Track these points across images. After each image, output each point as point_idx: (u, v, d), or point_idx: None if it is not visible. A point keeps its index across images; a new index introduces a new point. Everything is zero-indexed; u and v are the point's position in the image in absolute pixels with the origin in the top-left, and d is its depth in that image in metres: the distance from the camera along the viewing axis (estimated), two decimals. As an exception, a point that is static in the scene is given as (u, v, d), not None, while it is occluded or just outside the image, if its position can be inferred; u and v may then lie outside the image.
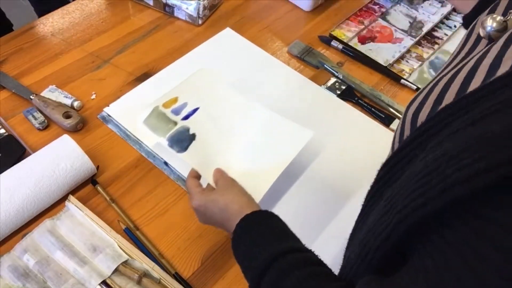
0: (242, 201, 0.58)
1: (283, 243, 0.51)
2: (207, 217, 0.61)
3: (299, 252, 0.50)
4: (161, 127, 0.71)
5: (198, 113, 0.74)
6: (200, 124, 0.73)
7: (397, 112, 0.90)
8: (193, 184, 0.64)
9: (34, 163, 0.69)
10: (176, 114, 0.73)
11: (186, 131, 0.71)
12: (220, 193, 0.60)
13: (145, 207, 0.73)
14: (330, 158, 0.81)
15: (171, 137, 0.70)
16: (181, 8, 1.00)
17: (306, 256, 0.49)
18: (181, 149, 0.69)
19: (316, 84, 0.92)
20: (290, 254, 0.49)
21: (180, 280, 0.65)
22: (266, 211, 0.56)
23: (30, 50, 0.92)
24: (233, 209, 0.57)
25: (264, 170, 0.71)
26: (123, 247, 0.66)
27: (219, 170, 0.67)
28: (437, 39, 1.05)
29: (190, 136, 0.71)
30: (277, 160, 0.72)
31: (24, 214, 0.67)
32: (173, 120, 0.72)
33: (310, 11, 1.08)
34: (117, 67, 0.92)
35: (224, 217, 0.58)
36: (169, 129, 0.71)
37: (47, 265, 0.63)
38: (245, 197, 0.60)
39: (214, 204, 0.59)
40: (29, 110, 0.81)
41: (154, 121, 0.72)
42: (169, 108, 0.74)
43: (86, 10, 1.02)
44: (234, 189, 0.61)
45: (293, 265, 0.47)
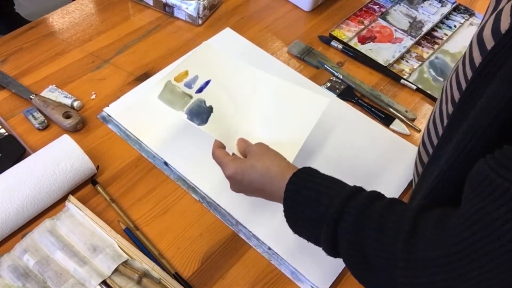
0: (282, 164, 0.58)
1: (347, 185, 0.51)
2: (244, 184, 0.60)
3: (365, 190, 0.50)
4: (177, 101, 0.71)
5: (211, 86, 0.74)
6: (215, 96, 0.73)
7: (397, 112, 0.90)
8: (222, 154, 0.63)
9: (34, 163, 0.69)
10: (189, 88, 0.73)
11: (202, 103, 0.71)
12: (256, 158, 0.59)
13: (145, 207, 0.73)
14: (330, 158, 0.81)
15: (189, 110, 0.70)
16: (181, 8, 1.00)
17: (375, 191, 0.50)
18: (201, 121, 0.69)
19: (316, 84, 0.92)
20: (362, 192, 0.49)
21: (180, 280, 0.65)
22: (311, 167, 0.55)
23: (30, 50, 0.92)
24: (274, 172, 0.56)
25: (287, 139, 0.70)
26: (123, 247, 0.66)
27: (243, 139, 0.66)
28: (437, 39, 1.05)
29: (208, 109, 0.71)
30: (298, 128, 0.72)
31: (24, 214, 0.67)
32: (188, 94, 0.72)
33: (310, 11, 1.08)
34: (117, 67, 0.92)
35: (264, 181, 0.57)
36: (186, 103, 0.71)
37: (47, 265, 0.63)
38: (283, 160, 0.59)
39: (252, 169, 0.58)
40: (29, 110, 0.81)
41: (169, 95, 0.71)
42: (181, 82, 0.73)
43: (86, 10, 1.02)
44: (269, 154, 0.60)
45: (371, 198, 0.47)
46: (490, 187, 0.36)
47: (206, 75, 0.75)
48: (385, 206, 0.46)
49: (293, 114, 0.74)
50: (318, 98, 0.75)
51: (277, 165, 0.57)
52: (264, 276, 0.67)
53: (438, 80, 0.96)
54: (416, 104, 0.93)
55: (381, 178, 0.79)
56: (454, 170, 0.44)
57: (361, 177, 0.79)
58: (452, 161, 0.43)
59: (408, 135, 0.87)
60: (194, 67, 0.75)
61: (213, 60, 0.78)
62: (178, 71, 0.74)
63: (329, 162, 0.80)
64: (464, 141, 0.42)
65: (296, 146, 0.69)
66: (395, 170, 0.81)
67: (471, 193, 0.38)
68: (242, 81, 0.76)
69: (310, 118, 0.73)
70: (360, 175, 0.79)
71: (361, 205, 0.46)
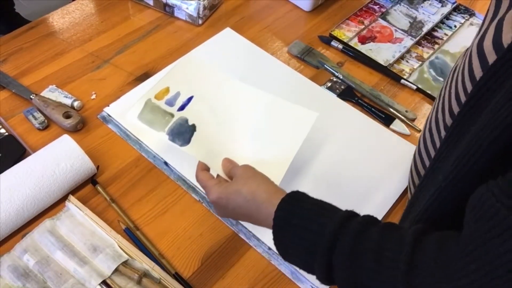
0: (269, 189, 0.55)
1: (339, 210, 0.49)
2: (229, 210, 0.57)
3: (358, 215, 0.48)
4: (158, 121, 0.68)
5: (194, 102, 0.71)
6: (198, 113, 0.70)
7: (397, 112, 0.90)
8: (206, 177, 0.60)
9: (34, 163, 0.69)
10: (170, 105, 0.70)
11: (185, 122, 0.68)
12: (242, 183, 0.56)
13: (145, 207, 0.73)
14: (330, 158, 0.81)
15: (171, 130, 0.67)
16: (181, 8, 1.00)
17: (368, 216, 0.47)
18: (184, 142, 0.66)
19: (316, 84, 0.92)
20: (354, 217, 0.47)
21: (180, 280, 0.65)
22: (300, 191, 0.52)
23: (30, 50, 0.92)
24: (261, 198, 0.53)
25: (274, 158, 0.67)
26: (123, 247, 0.66)
27: (228, 160, 0.63)
28: (437, 39, 1.05)
29: (190, 127, 0.68)
30: (285, 146, 0.69)
31: (24, 214, 0.67)
32: (169, 112, 0.69)
33: (310, 11, 1.08)
34: (117, 67, 0.92)
35: (250, 207, 0.54)
36: (167, 122, 0.68)
37: (47, 265, 0.63)
38: (270, 184, 0.56)
39: (237, 195, 0.55)
40: (29, 110, 0.81)
41: (149, 115, 0.68)
42: (162, 100, 0.70)
43: (86, 10, 1.02)
44: (256, 177, 0.57)
45: (365, 224, 0.45)
46: (496, 218, 0.34)
47: (188, 91, 0.71)
48: (381, 233, 0.44)
49: (280, 131, 0.70)
50: (306, 113, 0.72)
51: (263, 190, 0.54)
52: (264, 276, 0.67)
53: (438, 80, 0.96)
54: (416, 104, 0.93)
55: (381, 178, 0.79)
56: (453, 187, 0.42)
57: (361, 177, 0.79)
58: (451, 178, 0.42)
59: (408, 135, 0.87)
60: (176, 82, 0.72)
61: (196, 74, 0.74)
62: (159, 88, 0.71)
63: (329, 163, 0.80)
64: (464, 158, 0.41)
65: (283, 165, 0.66)
66: (395, 170, 0.81)
67: (474, 222, 0.37)
68: (226, 96, 0.72)
69: (298, 134, 0.70)
70: (360, 175, 0.79)
71: (355, 232, 0.44)
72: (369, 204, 0.76)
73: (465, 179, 0.41)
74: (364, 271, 0.43)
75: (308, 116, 0.72)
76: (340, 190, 0.77)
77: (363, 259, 0.43)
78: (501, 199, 0.34)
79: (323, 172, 0.79)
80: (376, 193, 0.77)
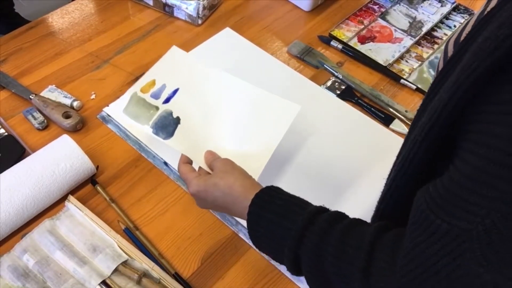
0: (246, 183, 0.57)
1: (308, 207, 0.51)
2: (208, 202, 0.60)
3: (327, 211, 0.50)
4: (142, 114, 0.68)
5: (179, 95, 0.71)
6: (183, 105, 0.70)
7: (397, 112, 0.90)
8: (187, 170, 0.62)
9: (34, 163, 0.69)
10: (156, 98, 0.70)
11: (169, 115, 0.68)
12: (220, 176, 0.58)
13: (145, 207, 0.73)
14: (329, 158, 0.81)
15: (155, 123, 0.67)
16: (180, 8, 1.00)
17: (336, 212, 0.50)
18: (167, 135, 0.67)
19: (316, 84, 0.92)
20: (322, 214, 0.49)
21: (180, 280, 0.65)
22: (274, 186, 0.55)
23: (29, 50, 0.92)
24: (237, 192, 0.56)
25: (256, 150, 0.68)
26: (123, 247, 0.66)
27: (210, 152, 0.65)
28: (437, 39, 1.05)
29: (174, 120, 0.68)
30: (267, 139, 0.69)
31: (24, 214, 0.67)
32: (154, 105, 0.69)
33: (309, 11, 1.08)
34: (117, 67, 0.92)
35: (227, 200, 0.57)
36: (152, 115, 0.68)
37: (47, 265, 0.63)
38: (247, 178, 0.59)
39: (215, 188, 0.58)
40: (29, 110, 0.81)
41: (134, 108, 0.68)
42: (148, 93, 0.70)
43: (86, 10, 1.02)
44: (234, 171, 0.59)
45: (331, 221, 0.48)
46: (425, 223, 0.38)
47: (174, 83, 0.72)
48: (344, 230, 0.46)
49: (262, 123, 0.71)
50: (288, 105, 0.72)
51: (240, 185, 0.56)
52: (264, 276, 0.67)
53: (438, 80, 0.96)
54: (416, 104, 0.93)
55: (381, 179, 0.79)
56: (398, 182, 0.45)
57: (360, 177, 0.79)
58: (396, 173, 0.45)
59: (408, 135, 0.87)
60: (162, 75, 0.72)
61: (182, 66, 0.74)
62: (145, 81, 0.71)
63: (329, 162, 0.80)
64: (405, 155, 0.43)
65: (264, 158, 0.67)
66: (395, 170, 0.81)
67: (412, 225, 0.40)
68: (211, 88, 0.73)
69: (280, 127, 0.70)
70: (360, 175, 0.79)
71: (320, 229, 0.47)
72: (368, 204, 0.76)
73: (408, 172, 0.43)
74: (327, 267, 0.45)
75: (291, 109, 0.72)
76: (339, 190, 0.77)
77: (326, 255, 0.45)
78: (430, 206, 0.38)
79: (323, 172, 0.79)
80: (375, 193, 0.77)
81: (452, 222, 0.36)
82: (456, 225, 0.35)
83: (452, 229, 0.36)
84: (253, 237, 0.54)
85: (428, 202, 0.38)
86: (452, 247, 0.35)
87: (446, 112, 0.38)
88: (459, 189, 0.36)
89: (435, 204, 0.37)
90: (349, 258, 0.44)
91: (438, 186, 0.38)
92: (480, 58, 0.35)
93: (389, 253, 0.42)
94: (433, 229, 0.37)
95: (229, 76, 0.74)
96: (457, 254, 0.35)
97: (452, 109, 0.37)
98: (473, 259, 0.35)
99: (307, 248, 0.47)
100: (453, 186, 0.37)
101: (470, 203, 0.35)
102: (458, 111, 0.37)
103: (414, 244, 0.39)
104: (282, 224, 0.50)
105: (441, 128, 0.39)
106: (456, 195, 0.36)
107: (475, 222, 0.34)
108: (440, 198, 0.37)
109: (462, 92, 0.36)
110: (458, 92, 0.36)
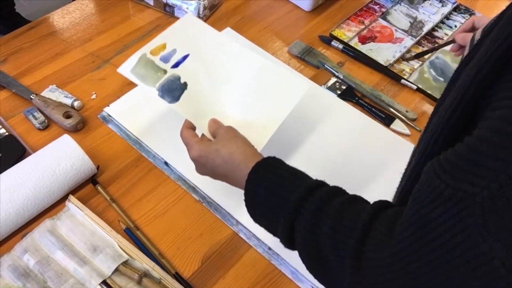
0: (247, 152, 0.56)
1: (309, 179, 0.50)
2: (208, 168, 0.59)
3: (327, 185, 0.50)
4: (150, 76, 0.67)
5: (188, 60, 0.70)
6: (191, 72, 0.69)
7: (398, 112, 0.89)
8: (189, 135, 0.62)
9: (34, 163, 0.69)
10: (165, 62, 0.69)
11: (177, 79, 0.67)
12: (222, 143, 0.58)
13: (145, 207, 0.73)
14: (330, 158, 0.81)
15: (162, 86, 0.66)
16: (181, 8, 1.00)
17: (337, 187, 0.49)
18: (172, 99, 0.66)
19: (316, 84, 0.92)
20: (322, 187, 0.48)
21: (180, 280, 0.65)
22: (276, 157, 0.54)
23: (30, 50, 0.92)
24: (238, 160, 0.55)
25: (262, 122, 0.67)
26: (123, 247, 0.66)
27: (215, 120, 0.64)
28: (438, 39, 1.05)
29: (181, 85, 0.67)
30: (274, 112, 0.69)
31: (24, 214, 0.67)
32: (162, 68, 0.68)
33: (310, 11, 1.08)
34: (117, 67, 0.91)
35: (227, 168, 0.56)
36: (159, 78, 0.67)
37: (47, 265, 0.63)
38: (249, 147, 0.58)
39: (216, 154, 0.57)
40: (29, 110, 0.81)
41: (142, 69, 0.67)
42: (157, 56, 0.69)
43: (86, 10, 1.02)
44: (237, 139, 0.58)
45: (331, 194, 0.47)
46: (429, 189, 0.36)
47: (185, 49, 0.70)
48: (344, 203, 0.45)
49: (271, 96, 0.70)
50: (298, 81, 0.71)
51: (241, 153, 0.56)
52: (264, 276, 0.67)
53: (439, 80, 0.96)
54: (416, 104, 0.93)
55: (381, 178, 0.79)
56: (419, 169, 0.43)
57: (361, 177, 0.79)
58: (417, 160, 0.43)
59: (408, 135, 0.87)
60: (173, 39, 0.71)
61: (195, 33, 0.73)
62: (156, 44, 0.70)
63: (329, 162, 0.80)
64: (427, 140, 0.42)
65: (269, 130, 0.66)
66: (395, 170, 0.80)
67: (416, 193, 0.38)
68: (222, 57, 0.71)
69: (288, 102, 0.69)
70: (360, 175, 0.79)
71: (319, 200, 0.46)
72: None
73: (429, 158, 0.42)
74: (321, 237, 0.44)
75: (301, 85, 0.72)
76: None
77: (322, 226, 0.44)
78: (437, 172, 0.36)
79: (323, 172, 0.79)
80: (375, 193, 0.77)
81: (457, 186, 0.34)
82: (460, 189, 0.34)
83: (456, 194, 0.34)
84: (249, 206, 0.53)
85: (435, 168, 0.37)
86: (453, 212, 0.34)
87: (473, 87, 0.37)
88: (470, 152, 0.34)
89: (442, 170, 0.36)
90: (346, 230, 0.43)
91: (448, 152, 0.37)
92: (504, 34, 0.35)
93: (388, 224, 0.40)
94: (436, 194, 0.35)
95: (241, 47, 0.73)
96: (457, 220, 0.34)
97: (478, 84, 0.37)
98: (473, 227, 0.33)
99: (303, 218, 0.46)
100: (464, 150, 0.35)
101: (478, 165, 0.33)
102: (483, 87, 0.37)
103: (415, 211, 0.37)
104: (280, 193, 0.49)
105: (466, 105, 0.38)
106: (466, 158, 0.35)
107: (480, 186, 0.33)
108: (448, 163, 0.36)
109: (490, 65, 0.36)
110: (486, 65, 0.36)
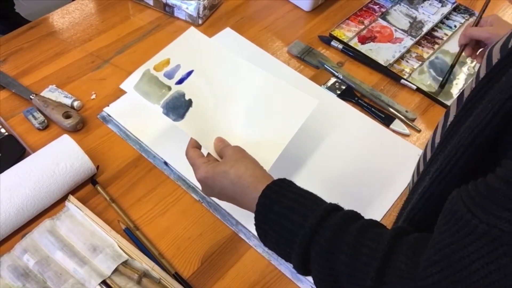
0: (256, 174, 0.54)
1: (322, 203, 0.49)
2: (215, 190, 0.57)
3: (342, 209, 0.48)
4: (154, 93, 0.66)
5: (193, 77, 0.68)
6: (196, 88, 0.68)
7: (397, 112, 0.89)
8: (196, 155, 0.59)
9: (34, 163, 0.69)
10: (169, 78, 0.68)
11: (181, 96, 0.66)
12: (230, 165, 0.56)
13: (145, 207, 0.73)
14: (329, 158, 0.81)
15: (166, 103, 0.65)
16: (181, 8, 1.00)
17: (352, 211, 0.48)
18: (177, 117, 0.64)
19: (316, 84, 0.92)
20: (337, 211, 0.47)
21: (180, 280, 0.65)
22: (287, 179, 0.52)
23: (30, 50, 0.92)
24: (247, 182, 0.53)
25: (269, 140, 0.66)
26: (123, 247, 0.66)
27: (221, 139, 0.63)
28: (437, 39, 1.05)
29: (186, 102, 0.66)
30: (282, 130, 0.67)
31: (24, 214, 0.67)
32: (166, 85, 0.67)
33: (310, 11, 1.08)
34: (117, 67, 0.92)
35: (236, 190, 0.54)
36: (163, 95, 0.66)
37: (47, 265, 0.63)
38: (258, 168, 0.56)
39: (224, 176, 0.55)
40: (29, 110, 0.81)
41: (145, 86, 0.66)
42: (161, 71, 0.68)
43: (86, 10, 1.02)
44: (245, 160, 0.56)
45: (346, 219, 0.45)
46: (460, 223, 0.35)
47: (189, 65, 0.69)
48: (360, 229, 0.44)
49: (278, 114, 0.69)
50: (306, 99, 0.70)
51: (250, 175, 0.54)
52: (264, 276, 0.67)
53: (438, 80, 0.96)
54: (416, 104, 0.93)
55: (381, 178, 0.79)
56: (435, 188, 0.42)
57: (361, 177, 0.79)
58: (434, 178, 0.42)
59: (408, 135, 0.87)
60: (177, 55, 0.70)
61: (199, 48, 0.72)
62: (159, 59, 0.69)
63: (329, 162, 0.80)
64: (446, 160, 0.41)
65: (276, 150, 0.65)
66: (395, 170, 0.81)
67: (443, 225, 0.37)
68: (228, 73, 0.70)
69: (296, 120, 0.68)
70: (360, 175, 0.79)
71: (335, 226, 0.44)
72: (368, 204, 0.76)
73: (446, 181, 0.41)
74: (339, 266, 0.43)
75: (308, 103, 0.70)
76: (339, 190, 0.77)
77: (339, 254, 0.43)
78: (468, 205, 0.35)
79: (323, 172, 0.79)
80: (375, 193, 0.77)
81: (491, 222, 0.33)
82: (495, 226, 0.32)
83: (491, 230, 0.33)
84: (260, 231, 0.51)
85: (465, 200, 0.35)
86: (489, 249, 0.33)
87: (503, 111, 0.36)
88: (504, 185, 0.33)
89: (473, 202, 0.34)
90: (365, 258, 0.41)
91: (478, 184, 0.35)
92: None
93: (410, 255, 0.39)
94: (469, 229, 0.34)
95: (247, 63, 0.72)
96: (492, 258, 0.32)
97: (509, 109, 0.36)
98: (510, 266, 0.32)
99: (318, 245, 0.44)
100: (497, 183, 0.34)
101: None
102: None
103: (443, 245, 0.35)
104: (293, 219, 0.47)
105: (493, 130, 0.37)
106: (500, 192, 0.33)
107: None
108: (480, 196, 0.34)
109: None
110: None
